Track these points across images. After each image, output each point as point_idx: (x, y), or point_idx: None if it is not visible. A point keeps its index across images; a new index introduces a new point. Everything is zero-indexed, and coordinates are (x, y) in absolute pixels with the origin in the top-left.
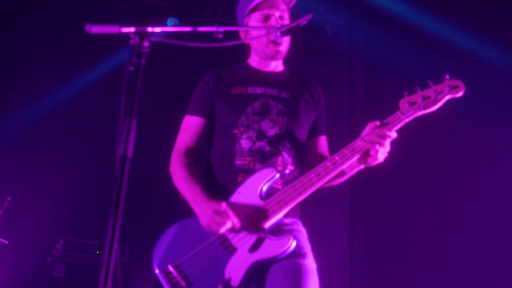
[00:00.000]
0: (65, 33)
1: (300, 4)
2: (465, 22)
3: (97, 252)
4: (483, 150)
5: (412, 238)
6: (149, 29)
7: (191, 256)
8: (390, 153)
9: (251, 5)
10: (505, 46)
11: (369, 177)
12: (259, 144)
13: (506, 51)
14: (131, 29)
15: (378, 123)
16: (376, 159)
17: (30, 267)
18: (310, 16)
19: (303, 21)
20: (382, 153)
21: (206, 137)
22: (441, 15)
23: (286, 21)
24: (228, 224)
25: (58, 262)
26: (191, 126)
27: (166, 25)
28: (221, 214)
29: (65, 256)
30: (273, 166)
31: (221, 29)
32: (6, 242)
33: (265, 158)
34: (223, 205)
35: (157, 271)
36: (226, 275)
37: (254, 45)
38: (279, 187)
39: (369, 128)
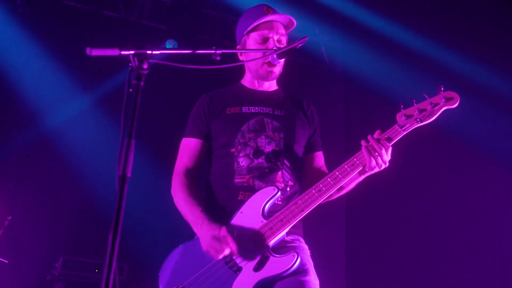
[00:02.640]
0: (65, 55)
1: (296, 26)
2: (455, 41)
3: (96, 271)
4: (477, 162)
5: (408, 251)
6: (148, 52)
7: (196, 278)
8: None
9: (252, 25)
10: (492, 61)
11: (365, 188)
12: (257, 161)
13: (492, 66)
14: (131, 52)
15: (378, 135)
16: (371, 168)
17: (30, 285)
18: (306, 38)
19: (299, 43)
20: (379, 163)
21: (204, 158)
22: (434, 35)
23: (283, 45)
24: (226, 251)
25: (57, 281)
26: (188, 148)
27: (164, 48)
28: (220, 241)
29: (64, 274)
30: (273, 182)
31: (219, 51)
32: (6, 261)
33: (264, 175)
34: (223, 231)
35: None
36: None
37: (249, 64)
38: (280, 202)
39: (370, 138)
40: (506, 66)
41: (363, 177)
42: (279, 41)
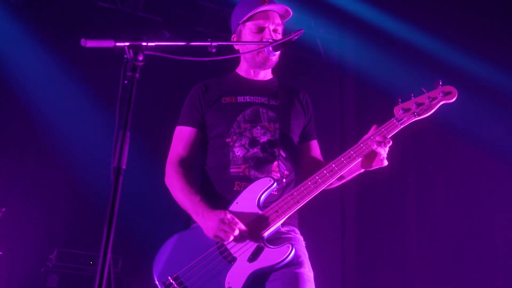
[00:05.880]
0: (60, 47)
1: (292, 18)
2: (452, 35)
3: (91, 263)
4: (471, 157)
5: (402, 242)
6: (143, 43)
7: (190, 267)
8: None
9: (247, 15)
10: (491, 58)
11: (362, 179)
12: (252, 151)
13: (492, 63)
14: (126, 43)
15: (374, 130)
16: (379, 164)
17: (24, 277)
18: (301, 31)
19: (294, 36)
20: (382, 159)
21: (198, 147)
22: (429, 29)
23: (279, 35)
24: (237, 231)
25: (52, 273)
26: (183, 136)
27: (160, 39)
28: (228, 223)
29: (58, 266)
30: (269, 172)
31: (214, 43)
32: (1, 253)
33: (259, 165)
34: (228, 213)
35: (157, 283)
36: (226, 285)
37: (245, 53)
38: (275, 193)
39: (367, 135)
40: (505, 61)
41: (362, 170)
42: (275, 31)
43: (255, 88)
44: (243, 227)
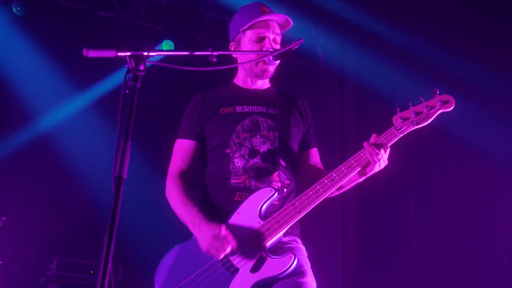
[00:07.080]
0: (62, 56)
1: (292, 27)
2: (451, 43)
3: (91, 272)
4: (469, 163)
5: (403, 249)
6: (145, 53)
7: (193, 279)
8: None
9: (248, 24)
10: (490, 65)
11: (362, 189)
12: (252, 161)
13: (491, 70)
14: (127, 53)
15: (374, 138)
16: (372, 170)
17: (24, 287)
18: (301, 40)
19: (295, 45)
20: (378, 166)
21: (198, 159)
22: (428, 37)
23: (278, 45)
24: (228, 249)
25: (52, 282)
26: (182, 149)
27: (161, 49)
28: (221, 239)
29: (58, 276)
30: (270, 182)
31: (215, 53)
32: (1, 262)
33: (260, 175)
34: (223, 230)
35: None
36: None
37: (244, 63)
38: (276, 202)
39: (366, 144)
40: (504, 67)
41: (363, 178)
42: (274, 40)
43: (253, 98)
44: (235, 246)
